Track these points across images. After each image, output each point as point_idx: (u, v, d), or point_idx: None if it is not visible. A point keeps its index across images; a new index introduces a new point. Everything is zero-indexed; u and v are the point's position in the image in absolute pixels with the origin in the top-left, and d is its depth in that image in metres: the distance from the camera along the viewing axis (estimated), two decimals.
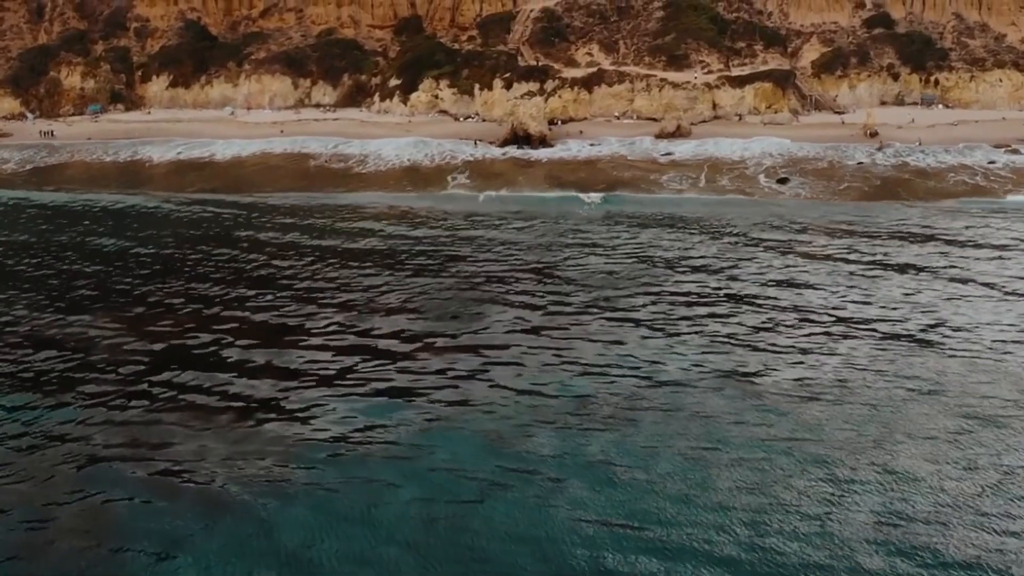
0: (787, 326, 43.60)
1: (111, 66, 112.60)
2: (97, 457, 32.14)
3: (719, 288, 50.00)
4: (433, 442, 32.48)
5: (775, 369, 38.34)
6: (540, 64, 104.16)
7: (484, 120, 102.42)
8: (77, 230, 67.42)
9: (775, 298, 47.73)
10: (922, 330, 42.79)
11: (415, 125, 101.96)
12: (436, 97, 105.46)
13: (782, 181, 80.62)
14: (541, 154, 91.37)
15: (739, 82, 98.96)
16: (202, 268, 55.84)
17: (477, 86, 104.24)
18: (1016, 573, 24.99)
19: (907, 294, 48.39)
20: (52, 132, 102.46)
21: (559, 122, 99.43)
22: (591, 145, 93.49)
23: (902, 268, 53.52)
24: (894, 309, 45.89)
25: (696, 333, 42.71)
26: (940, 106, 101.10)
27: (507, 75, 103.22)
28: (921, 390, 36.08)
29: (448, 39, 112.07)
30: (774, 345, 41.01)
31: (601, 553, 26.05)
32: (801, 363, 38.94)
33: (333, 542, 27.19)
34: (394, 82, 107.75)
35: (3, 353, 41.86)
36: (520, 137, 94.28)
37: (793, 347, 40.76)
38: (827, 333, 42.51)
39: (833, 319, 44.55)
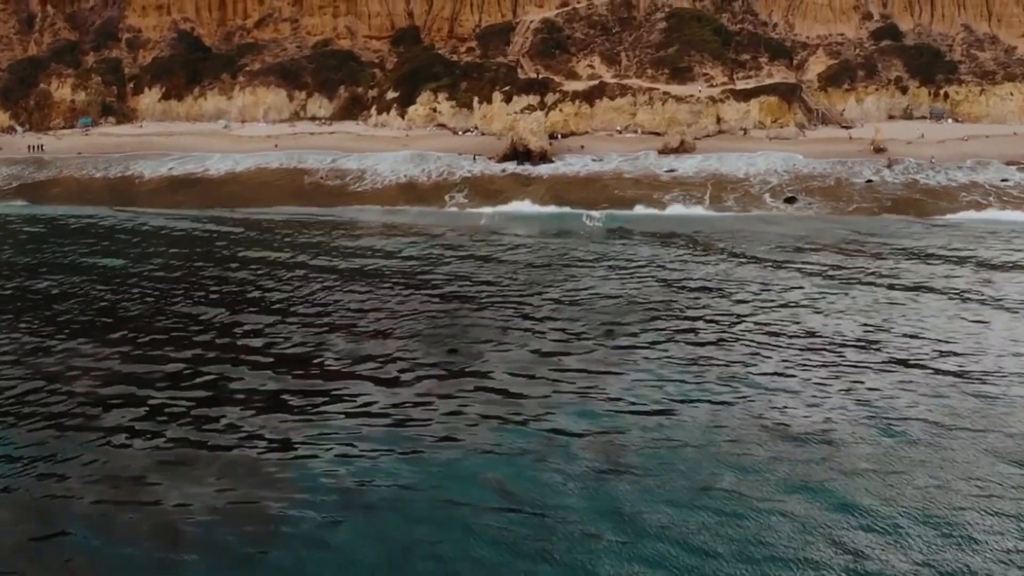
0: (808, 358, 41.57)
1: (102, 78, 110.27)
2: (90, 504, 30.04)
3: (733, 315, 47.99)
4: (440, 486, 30.53)
5: (799, 407, 36.23)
6: (540, 77, 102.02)
7: (483, 134, 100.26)
8: (62, 250, 65.28)
9: (793, 326, 45.80)
10: (954, 361, 40.78)
11: (413, 139, 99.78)
12: (434, 110, 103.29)
13: (789, 201, 78.49)
14: (542, 170, 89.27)
15: (744, 96, 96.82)
16: (192, 291, 53.97)
17: (476, 99, 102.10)
18: None
19: (934, 320, 46.53)
20: (41, 146, 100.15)
21: (559, 136, 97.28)
22: (593, 160, 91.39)
23: (925, 291, 51.69)
24: (922, 337, 43.95)
25: (711, 365, 40.66)
26: (949, 120, 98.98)
27: (507, 88, 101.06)
28: (959, 427, 34.07)
29: (446, 50, 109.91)
30: (796, 380, 38.98)
31: None
32: (825, 401, 36.79)
33: None
34: (391, 95, 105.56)
35: None
36: (520, 152, 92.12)
37: (816, 382, 38.63)
38: (850, 365, 40.45)
39: (855, 349, 42.52)
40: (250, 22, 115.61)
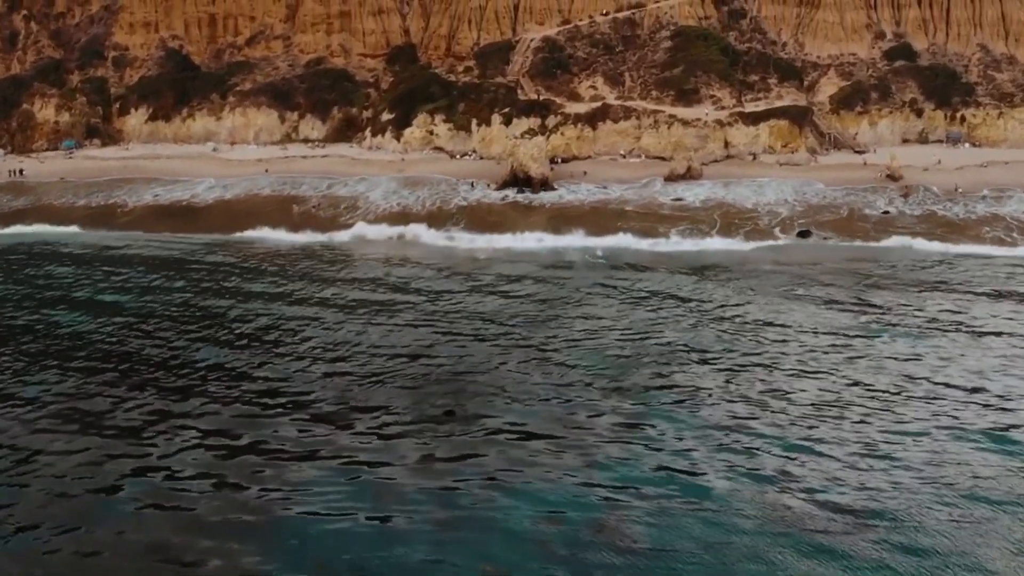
0: (832, 417, 38.47)
1: (87, 98, 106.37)
2: None
3: (759, 363, 44.92)
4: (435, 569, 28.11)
5: (824, 480, 32.94)
6: (541, 98, 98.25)
7: (482, 158, 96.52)
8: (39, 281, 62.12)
9: (832, 376, 42.88)
10: (995, 420, 37.52)
11: (409, 163, 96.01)
12: (431, 133, 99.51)
13: (803, 235, 74.79)
14: (543, 198, 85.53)
15: (753, 119, 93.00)
16: (172, 329, 51.60)
17: (474, 121, 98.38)
18: None
19: (973, 370, 43.47)
20: (21, 171, 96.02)
21: (559, 160, 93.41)
22: (596, 188, 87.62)
23: (966, 331, 48.94)
24: (958, 388, 41.02)
25: (741, 424, 37.58)
26: (967, 145, 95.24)
27: (506, 110, 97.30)
28: (1001, 504, 30.85)
29: (444, 69, 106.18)
30: (818, 444, 35.92)
31: None
32: (872, 469, 33.60)
33: None
34: (386, 116, 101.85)
35: None
36: (520, 179, 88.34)
37: (861, 447, 35.52)
38: (899, 427, 37.27)
39: (902, 406, 39.37)
40: (241, 39, 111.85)
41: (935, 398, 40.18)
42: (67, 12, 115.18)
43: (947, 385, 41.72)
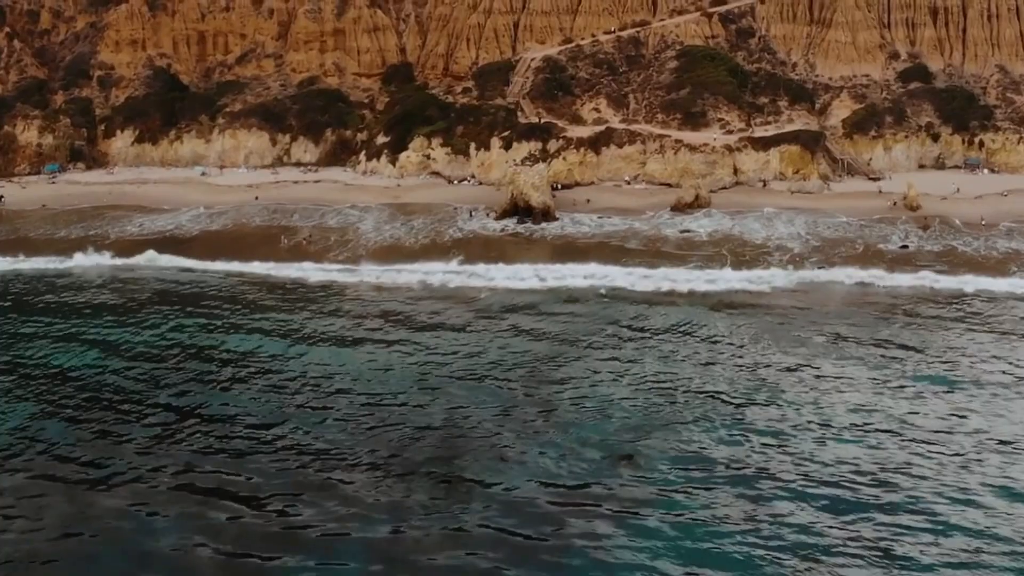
0: (871, 482, 35.81)
1: (72, 119, 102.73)
2: None
3: (771, 429, 41.48)
4: None
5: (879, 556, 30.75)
6: (542, 121, 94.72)
7: (481, 183, 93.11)
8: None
9: (849, 444, 39.67)
10: None
11: (405, 189, 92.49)
12: (428, 157, 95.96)
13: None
14: (545, 230, 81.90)
15: (763, 144, 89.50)
16: (148, 392, 48.17)
17: (473, 145, 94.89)
18: None
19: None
20: (1, 197, 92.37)
21: (559, 186, 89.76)
22: (600, 219, 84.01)
23: (994, 378, 46.34)
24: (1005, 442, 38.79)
25: (753, 512, 34.28)
26: (985, 171, 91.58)
27: (506, 133, 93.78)
28: None
29: (441, 90, 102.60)
30: (862, 513, 33.66)
31: None
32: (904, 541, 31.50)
33: None
34: (382, 139, 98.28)
35: None
36: (521, 208, 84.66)
37: (887, 519, 33.07)
38: (928, 489, 35.02)
39: (928, 466, 36.82)
40: (231, 58, 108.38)
41: (990, 455, 37.75)
42: (52, 29, 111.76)
43: (992, 439, 39.16)
